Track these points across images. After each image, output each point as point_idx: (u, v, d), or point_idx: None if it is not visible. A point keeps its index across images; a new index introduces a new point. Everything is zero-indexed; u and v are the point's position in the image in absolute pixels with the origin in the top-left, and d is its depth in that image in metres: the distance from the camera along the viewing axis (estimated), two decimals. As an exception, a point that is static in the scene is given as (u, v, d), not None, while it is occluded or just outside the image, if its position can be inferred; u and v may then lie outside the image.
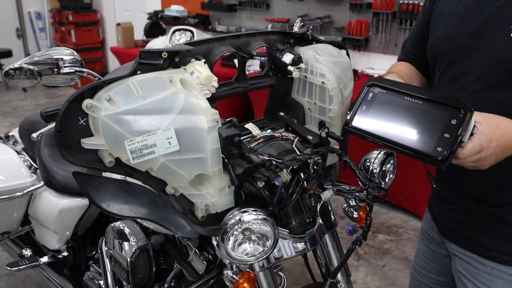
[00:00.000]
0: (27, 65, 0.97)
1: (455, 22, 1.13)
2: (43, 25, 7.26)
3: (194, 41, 1.10)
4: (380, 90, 1.07)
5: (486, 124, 0.91)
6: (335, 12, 4.07)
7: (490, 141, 0.90)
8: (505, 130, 0.92)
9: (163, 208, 1.09)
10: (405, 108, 1.00)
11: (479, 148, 0.90)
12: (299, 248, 1.24)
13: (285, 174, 1.13)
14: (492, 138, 0.90)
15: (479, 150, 0.91)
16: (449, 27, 1.15)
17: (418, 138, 0.96)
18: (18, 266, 2.04)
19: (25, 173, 2.03)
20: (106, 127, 0.89)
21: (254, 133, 1.24)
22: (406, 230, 3.20)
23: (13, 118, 5.58)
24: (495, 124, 0.92)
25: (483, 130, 0.91)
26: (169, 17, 5.32)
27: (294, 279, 2.63)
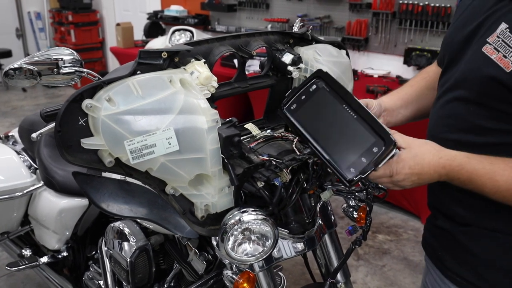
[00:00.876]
0: (27, 65, 0.97)
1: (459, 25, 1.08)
2: (42, 25, 7.25)
3: (194, 41, 1.10)
4: (325, 86, 1.05)
5: (405, 152, 0.94)
6: (335, 12, 4.07)
7: (403, 168, 0.93)
8: (421, 159, 0.93)
9: (163, 208, 1.09)
10: (339, 115, 1.00)
11: (389, 173, 0.94)
12: (298, 248, 1.24)
13: (285, 174, 1.13)
14: (405, 166, 0.93)
15: (389, 175, 0.94)
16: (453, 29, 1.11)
17: (337, 151, 0.98)
18: (18, 266, 2.04)
19: (25, 173, 2.03)
20: (106, 127, 0.89)
21: (253, 133, 1.24)
22: (405, 230, 3.21)
23: (13, 118, 5.58)
24: (413, 152, 0.93)
25: (399, 156, 0.94)
26: (168, 17, 5.32)
27: (293, 279, 2.63)
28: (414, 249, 2.97)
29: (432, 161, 0.93)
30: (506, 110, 0.92)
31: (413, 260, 2.86)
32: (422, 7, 3.49)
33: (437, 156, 0.93)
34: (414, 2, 3.52)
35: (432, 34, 3.53)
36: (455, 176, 0.93)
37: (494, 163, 0.90)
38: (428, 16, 3.47)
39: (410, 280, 2.68)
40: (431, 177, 0.94)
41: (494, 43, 0.91)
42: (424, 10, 3.49)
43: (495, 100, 0.92)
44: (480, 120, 0.95)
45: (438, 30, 3.46)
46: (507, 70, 0.88)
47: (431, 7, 3.44)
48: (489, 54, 0.92)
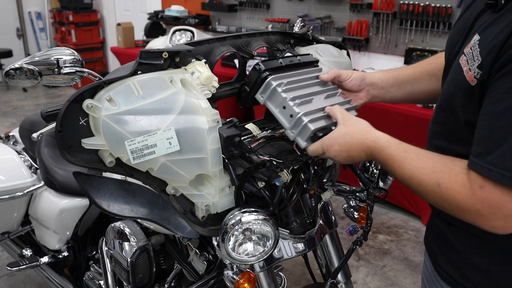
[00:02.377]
0: (28, 65, 0.97)
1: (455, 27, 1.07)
2: (43, 25, 7.26)
3: (194, 41, 1.10)
4: None
5: (338, 129, 1.03)
6: (336, 13, 4.07)
7: (332, 145, 1.01)
8: (350, 138, 1.00)
9: (164, 208, 1.09)
10: None
11: (321, 150, 1.03)
12: (299, 249, 1.24)
13: (286, 175, 1.13)
14: (335, 143, 1.01)
15: (322, 152, 1.04)
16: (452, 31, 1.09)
17: None
18: (18, 266, 2.04)
19: (26, 173, 2.03)
20: (107, 127, 0.89)
21: (254, 133, 1.24)
22: (406, 231, 3.20)
23: (13, 118, 5.58)
24: (344, 131, 1.01)
25: (331, 134, 1.02)
26: (169, 17, 5.32)
27: (294, 279, 2.63)
28: (414, 249, 2.97)
29: (359, 141, 0.99)
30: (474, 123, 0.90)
31: (413, 261, 2.86)
32: (422, 7, 3.49)
33: (364, 136, 0.99)
34: (415, 2, 3.52)
35: (432, 35, 3.53)
36: (376, 157, 0.98)
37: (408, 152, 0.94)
38: (429, 17, 3.47)
39: (410, 281, 2.67)
40: (359, 155, 1.00)
41: (467, 54, 0.91)
42: (424, 10, 3.48)
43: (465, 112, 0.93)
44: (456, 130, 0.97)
45: (439, 31, 3.46)
46: (471, 84, 0.87)
47: (432, 7, 3.44)
48: (462, 66, 0.92)
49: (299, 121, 1.05)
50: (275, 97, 1.10)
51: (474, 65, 0.86)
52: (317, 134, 1.04)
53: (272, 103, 1.11)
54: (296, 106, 1.06)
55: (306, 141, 1.05)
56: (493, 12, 0.89)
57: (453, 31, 1.07)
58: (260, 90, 1.11)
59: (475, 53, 0.87)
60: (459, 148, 0.96)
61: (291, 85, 1.10)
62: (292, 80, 1.11)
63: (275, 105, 1.10)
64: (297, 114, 1.05)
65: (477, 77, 0.85)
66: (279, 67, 1.12)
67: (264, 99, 1.11)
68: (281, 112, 1.09)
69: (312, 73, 1.18)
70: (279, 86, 1.08)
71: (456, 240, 1.05)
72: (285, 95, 1.07)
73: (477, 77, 0.85)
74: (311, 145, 1.05)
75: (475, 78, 0.86)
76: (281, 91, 1.08)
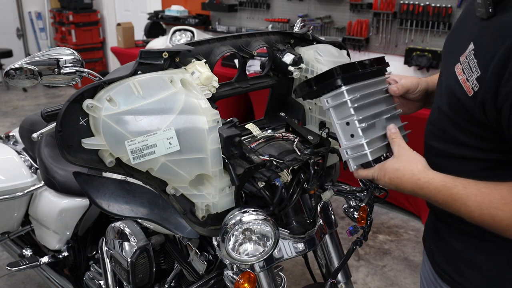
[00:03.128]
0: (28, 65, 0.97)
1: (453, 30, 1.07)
2: (43, 25, 7.26)
3: (194, 41, 1.10)
4: None
5: (391, 161, 1.01)
6: (336, 13, 4.07)
7: (383, 176, 1.01)
8: (401, 175, 0.98)
9: (164, 208, 1.09)
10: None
11: (371, 176, 1.03)
12: (299, 249, 1.24)
13: (286, 175, 1.13)
14: (385, 175, 1.00)
15: (371, 178, 1.04)
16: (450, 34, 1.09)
17: None
18: (19, 266, 2.04)
19: (26, 173, 2.03)
20: (107, 127, 0.89)
21: (254, 134, 1.24)
22: (406, 231, 3.20)
23: (13, 118, 5.58)
24: (397, 166, 1.00)
25: (383, 164, 1.01)
26: (169, 17, 5.32)
27: (294, 279, 2.63)
28: (414, 249, 2.97)
29: (410, 180, 0.97)
30: (470, 128, 0.92)
31: (413, 261, 2.86)
32: (422, 7, 3.49)
33: (416, 176, 0.97)
34: (415, 2, 3.52)
35: (433, 35, 3.52)
36: (432, 198, 0.96)
37: (468, 187, 0.91)
38: (429, 17, 3.47)
39: (410, 281, 2.67)
40: (409, 192, 0.99)
41: (463, 63, 0.90)
42: (425, 10, 3.48)
43: (461, 118, 0.93)
44: (455, 132, 0.97)
45: (439, 31, 3.46)
46: (469, 94, 0.87)
47: (432, 7, 3.44)
48: (457, 74, 0.91)
49: (359, 148, 1.02)
50: (342, 109, 1.03)
51: (473, 76, 0.86)
52: (372, 164, 1.02)
53: (336, 113, 1.04)
54: (361, 130, 1.01)
55: (357, 166, 1.04)
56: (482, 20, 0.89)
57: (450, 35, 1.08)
58: (329, 95, 1.03)
59: (471, 64, 0.87)
60: (459, 151, 0.97)
61: (362, 101, 1.03)
62: (364, 94, 1.04)
63: (338, 116, 1.03)
64: (361, 139, 1.01)
65: (474, 89, 0.85)
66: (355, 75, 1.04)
67: (330, 105, 1.04)
68: (342, 127, 1.03)
69: (380, 84, 1.10)
70: (351, 100, 1.01)
71: (453, 239, 1.05)
72: (353, 113, 1.01)
73: (475, 89, 0.85)
74: (361, 170, 1.04)
75: (472, 89, 0.86)
76: (351, 107, 1.01)
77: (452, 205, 0.93)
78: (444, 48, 1.08)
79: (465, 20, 1.00)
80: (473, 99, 0.86)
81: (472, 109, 0.88)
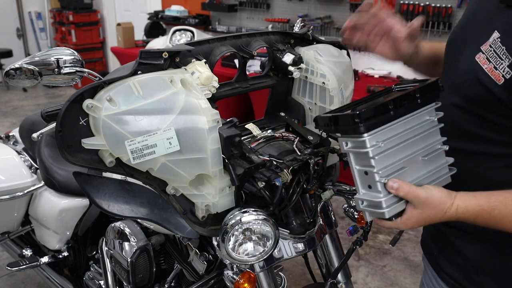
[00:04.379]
0: (28, 65, 0.97)
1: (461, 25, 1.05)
2: (43, 25, 7.26)
3: (194, 41, 1.10)
4: None
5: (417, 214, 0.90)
6: (336, 13, 4.07)
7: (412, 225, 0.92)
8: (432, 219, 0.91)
9: (164, 208, 1.09)
10: None
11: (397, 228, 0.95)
12: (299, 249, 1.24)
13: (286, 175, 1.13)
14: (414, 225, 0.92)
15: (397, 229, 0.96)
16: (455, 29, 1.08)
17: None
18: (19, 266, 2.04)
19: (26, 173, 2.03)
20: (107, 127, 0.89)
21: (254, 134, 1.24)
22: (406, 231, 3.20)
23: (13, 118, 5.58)
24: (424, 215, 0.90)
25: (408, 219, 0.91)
26: (169, 17, 5.32)
27: (294, 279, 2.63)
28: (414, 249, 2.97)
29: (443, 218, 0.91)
30: (497, 121, 0.90)
31: (413, 261, 2.85)
32: (422, 7, 3.49)
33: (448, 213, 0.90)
34: (415, 2, 3.52)
35: (433, 35, 3.53)
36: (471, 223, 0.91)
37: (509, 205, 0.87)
38: (429, 17, 3.47)
39: (410, 281, 2.67)
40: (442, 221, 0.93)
41: (486, 52, 0.88)
42: (424, 10, 3.48)
43: (486, 110, 0.90)
44: (473, 128, 0.94)
45: (439, 31, 3.46)
46: (498, 83, 0.85)
47: (432, 7, 3.44)
48: (481, 64, 0.89)
49: (376, 204, 0.89)
50: (362, 156, 0.89)
51: (503, 64, 0.84)
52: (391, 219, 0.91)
53: (355, 158, 0.92)
54: (380, 185, 0.88)
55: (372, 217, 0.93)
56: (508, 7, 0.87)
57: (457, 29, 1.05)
58: (348, 138, 0.91)
59: (499, 51, 0.85)
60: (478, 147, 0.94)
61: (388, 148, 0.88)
62: (392, 136, 0.89)
63: (357, 162, 0.92)
64: (378, 195, 0.89)
65: (506, 76, 0.84)
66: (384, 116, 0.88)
67: (348, 148, 0.92)
68: (360, 174, 0.92)
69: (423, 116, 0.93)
70: (372, 150, 0.87)
71: (462, 243, 1.03)
72: (374, 164, 0.87)
73: (506, 76, 0.83)
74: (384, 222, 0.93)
75: (503, 77, 0.84)
76: (372, 158, 0.87)
77: (497, 225, 0.89)
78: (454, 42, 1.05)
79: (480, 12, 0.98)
80: (504, 87, 0.84)
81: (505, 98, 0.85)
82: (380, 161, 0.88)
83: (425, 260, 1.17)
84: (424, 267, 1.19)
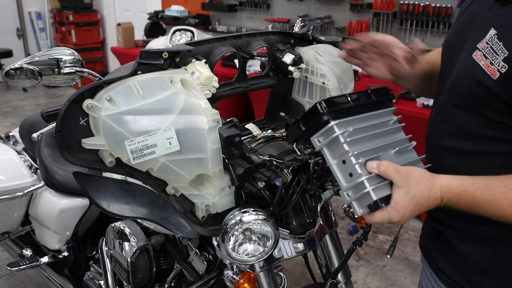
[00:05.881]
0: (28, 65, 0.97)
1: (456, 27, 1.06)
2: (43, 25, 7.26)
3: (194, 41, 1.10)
4: None
5: (402, 194, 0.87)
6: (336, 13, 4.07)
7: (403, 215, 0.88)
8: (420, 199, 0.88)
9: (164, 208, 1.09)
10: None
11: (387, 221, 0.90)
12: (299, 248, 1.24)
13: (286, 175, 1.13)
14: (405, 212, 0.88)
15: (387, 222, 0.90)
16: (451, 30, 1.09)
17: None
18: (19, 266, 2.04)
19: (26, 173, 2.03)
20: (107, 127, 0.89)
21: (254, 133, 1.24)
22: (406, 231, 3.20)
23: (13, 118, 5.58)
24: (411, 194, 0.88)
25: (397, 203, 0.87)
26: (169, 17, 5.32)
27: (294, 279, 2.63)
28: (414, 249, 2.97)
29: (430, 197, 0.89)
30: (496, 118, 0.89)
31: (413, 261, 2.86)
32: (422, 7, 3.49)
33: (433, 191, 0.89)
34: (415, 3, 3.52)
35: (433, 35, 3.53)
36: (455, 205, 0.91)
37: (492, 187, 0.87)
38: (429, 17, 3.47)
39: (410, 281, 2.67)
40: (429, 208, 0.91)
41: (483, 49, 0.89)
42: (425, 11, 3.49)
43: (484, 108, 0.90)
44: (472, 126, 0.93)
45: (439, 31, 3.46)
46: (493, 78, 0.86)
47: (432, 7, 3.44)
48: (478, 61, 0.90)
49: (360, 186, 0.89)
50: (335, 146, 0.92)
51: (498, 59, 0.85)
52: (379, 203, 0.88)
53: (330, 153, 0.94)
54: (359, 166, 0.89)
55: (363, 208, 0.90)
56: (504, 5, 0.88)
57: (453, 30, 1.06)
58: (319, 133, 0.94)
59: (496, 47, 0.86)
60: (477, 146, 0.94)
61: (357, 135, 0.92)
62: (359, 127, 0.93)
63: (333, 155, 0.93)
64: (359, 176, 0.89)
65: (501, 71, 0.84)
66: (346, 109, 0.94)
67: (321, 145, 0.94)
68: (339, 166, 0.92)
69: (384, 116, 0.99)
70: (343, 135, 0.90)
71: (461, 244, 1.03)
72: (348, 148, 0.90)
73: (501, 70, 0.84)
74: (375, 215, 0.90)
75: (498, 72, 0.85)
76: (344, 142, 0.90)
77: (477, 209, 0.88)
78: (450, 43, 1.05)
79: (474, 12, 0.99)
80: (498, 81, 0.85)
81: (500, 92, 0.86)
82: (353, 144, 0.91)
83: (423, 260, 1.17)
84: (423, 267, 1.19)
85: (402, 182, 0.88)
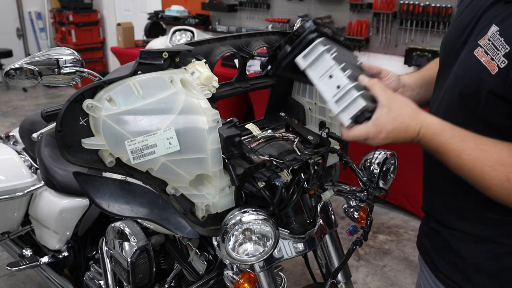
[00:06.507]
0: (28, 65, 0.97)
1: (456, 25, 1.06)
2: (43, 25, 7.26)
3: (194, 41, 1.10)
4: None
5: (384, 113, 0.89)
6: (336, 12, 4.07)
7: (379, 132, 0.89)
8: (399, 123, 0.89)
9: (164, 208, 1.09)
10: None
11: (365, 136, 0.91)
12: (299, 249, 1.24)
13: (286, 175, 1.13)
14: (382, 130, 0.89)
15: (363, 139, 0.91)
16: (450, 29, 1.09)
17: None
18: (19, 266, 2.04)
19: (26, 173, 2.03)
20: (107, 127, 0.89)
21: (254, 133, 1.24)
22: (406, 231, 3.20)
23: (14, 118, 5.58)
24: (393, 115, 0.89)
25: (377, 120, 0.89)
26: (169, 17, 5.32)
27: (294, 279, 2.63)
28: (414, 249, 2.97)
29: (409, 127, 0.90)
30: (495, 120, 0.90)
31: (413, 261, 2.85)
32: (423, 7, 3.49)
33: (414, 121, 0.90)
34: (415, 2, 3.52)
35: (433, 34, 3.52)
36: (426, 143, 0.91)
37: (466, 140, 0.88)
38: (429, 16, 3.47)
39: (410, 281, 2.67)
40: (405, 139, 0.92)
41: (485, 46, 0.89)
42: (425, 10, 3.48)
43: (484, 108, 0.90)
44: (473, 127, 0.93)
45: (439, 31, 3.46)
46: (492, 73, 0.86)
47: (432, 7, 3.44)
48: (479, 57, 0.90)
49: (348, 94, 0.90)
50: (320, 63, 0.94)
51: (499, 54, 0.85)
52: (365, 113, 0.90)
53: (315, 70, 0.95)
54: (347, 77, 0.92)
55: (351, 119, 0.91)
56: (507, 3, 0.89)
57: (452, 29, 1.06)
58: (304, 52, 0.95)
59: (497, 43, 0.86)
60: None
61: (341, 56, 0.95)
62: (341, 51, 0.96)
63: (319, 72, 0.95)
64: (348, 85, 0.90)
65: (500, 66, 0.85)
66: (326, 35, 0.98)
67: (306, 64, 0.96)
68: (326, 82, 0.94)
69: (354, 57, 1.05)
70: (329, 51, 0.93)
71: (460, 244, 1.02)
72: (334, 62, 0.93)
73: (501, 65, 0.85)
74: (354, 129, 0.91)
75: (498, 66, 0.85)
76: (330, 58, 0.93)
77: (443, 154, 0.90)
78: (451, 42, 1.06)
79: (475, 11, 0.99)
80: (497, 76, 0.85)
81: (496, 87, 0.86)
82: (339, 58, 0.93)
83: (421, 261, 1.17)
84: (421, 268, 1.18)
85: (387, 101, 0.90)
